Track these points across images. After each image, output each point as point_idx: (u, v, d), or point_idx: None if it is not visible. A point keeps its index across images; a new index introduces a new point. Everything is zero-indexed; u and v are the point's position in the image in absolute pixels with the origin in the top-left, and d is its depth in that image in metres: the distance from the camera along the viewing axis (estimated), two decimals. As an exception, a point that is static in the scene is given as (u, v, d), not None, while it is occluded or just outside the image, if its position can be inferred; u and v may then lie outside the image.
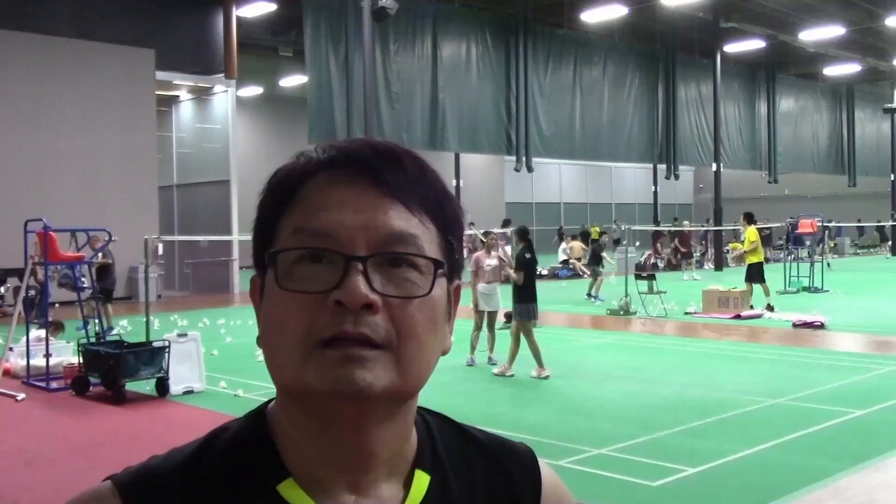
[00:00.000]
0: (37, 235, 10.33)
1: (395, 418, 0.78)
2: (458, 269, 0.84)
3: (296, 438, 0.78)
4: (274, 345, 0.76)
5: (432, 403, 0.91)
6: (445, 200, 0.81)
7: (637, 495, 5.67)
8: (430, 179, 0.81)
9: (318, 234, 0.75)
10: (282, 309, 0.75)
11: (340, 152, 0.79)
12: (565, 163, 40.36)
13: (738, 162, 32.37)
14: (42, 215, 10.40)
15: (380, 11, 18.22)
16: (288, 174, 0.80)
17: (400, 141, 6.20)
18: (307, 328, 0.73)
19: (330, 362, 0.72)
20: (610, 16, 24.58)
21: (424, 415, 0.88)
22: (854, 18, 27.19)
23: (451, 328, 0.84)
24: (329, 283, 0.73)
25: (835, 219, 33.32)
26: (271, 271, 0.76)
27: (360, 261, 0.73)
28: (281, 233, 0.77)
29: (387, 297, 0.74)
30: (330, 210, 0.76)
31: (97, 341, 9.98)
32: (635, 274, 16.91)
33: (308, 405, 0.75)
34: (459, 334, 12.99)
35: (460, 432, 0.90)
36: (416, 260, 0.76)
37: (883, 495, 5.55)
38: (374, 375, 0.72)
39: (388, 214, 0.76)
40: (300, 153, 0.82)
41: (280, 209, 0.79)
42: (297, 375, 0.74)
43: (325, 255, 0.74)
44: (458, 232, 0.82)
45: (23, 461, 6.72)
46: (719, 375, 9.80)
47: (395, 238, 0.75)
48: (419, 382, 0.77)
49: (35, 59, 18.45)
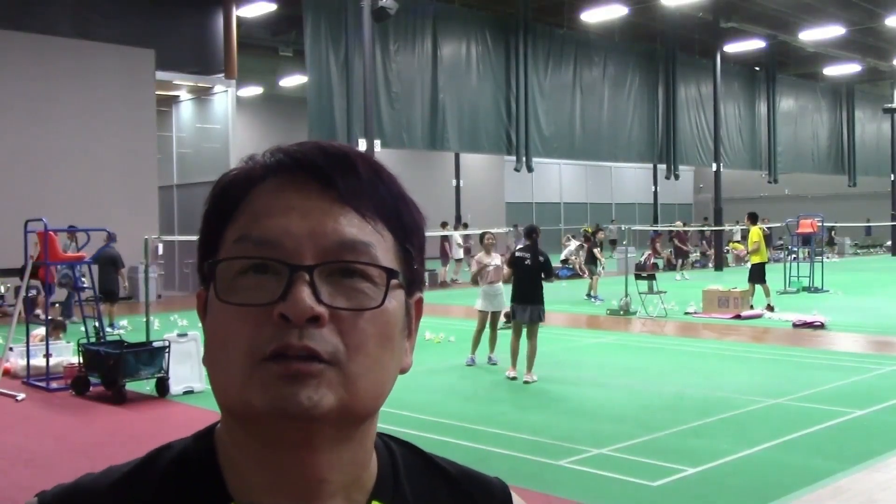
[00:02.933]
0: (37, 235, 10.33)
1: (347, 442, 0.72)
2: (419, 280, 0.78)
3: (240, 463, 0.73)
4: (216, 362, 0.71)
5: (432, 404, 0.91)
6: (403, 206, 0.76)
7: (637, 495, 5.67)
8: (387, 184, 0.75)
9: (262, 242, 0.70)
10: (223, 324, 0.70)
11: (289, 156, 0.74)
12: (565, 163, 40.38)
13: (738, 162, 32.38)
14: (42, 215, 10.39)
15: (380, 11, 18.22)
16: (233, 180, 0.75)
17: (401, 141, 6.17)
18: (249, 343, 0.68)
19: (273, 378, 0.67)
20: (610, 16, 24.58)
21: (390, 443, 0.82)
22: (854, 18, 27.19)
23: (411, 344, 0.77)
24: (273, 295, 0.68)
25: (835, 219, 33.32)
26: (213, 283, 0.71)
27: (307, 270, 0.68)
28: (225, 242, 0.73)
29: (335, 309, 0.68)
30: (275, 217, 0.71)
31: (97, 341, 9.98)
32: (635, 274, 16.91)
33: (252, 427, 0.70)
34: (462, 334, 13.00)
35: (428, 463, 0.84)
36: (369, 270, 0.70)
37: (883, 495, 5.55)
38: (319, 394, 0.67)
39: (338, 221, 0.71)
40: (249, 157, 0.77)
41: (225, 217, 0.74)
42: (239, 394, 0.68)
43: (270, 265, 0.69)
44: (417, 240, 0.77)
45: (23, 461, 6.72)
46: (719, 375, 9.80)
47: (346, 246, 0.70)
48: (372, 402, 0.71)
49: (35, 59, 18.45)
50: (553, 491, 5.74)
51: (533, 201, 42.88)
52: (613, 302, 16.44)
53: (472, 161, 36.72)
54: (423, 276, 0.80)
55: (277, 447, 0.70)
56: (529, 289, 9.49)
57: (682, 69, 29.38)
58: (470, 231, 26.66)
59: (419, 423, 7.56)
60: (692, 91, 29.93)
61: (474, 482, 0.85)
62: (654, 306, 15.32)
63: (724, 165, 30.13)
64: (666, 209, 43.55)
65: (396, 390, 0.77)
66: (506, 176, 39.18)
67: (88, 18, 19.47)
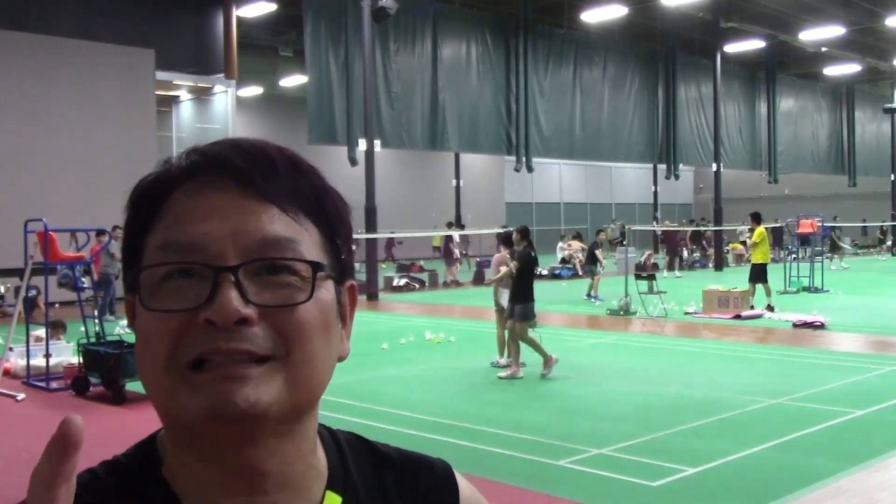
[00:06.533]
0: (37, 235, 10.33)
1: (289, 435, 0.72)
2: (349, 269, 0.78)
3: (183, 465, 0.72)
4: (145, 369, 0.70)
5: (431, 405, 0.91)
6: (326, 198, 0.75)
7: (637, 495, 5.67)
8: (307, 177, 0.75)
9: (185, 247, 0.69)
10: (149, 330, 0.69)
11: (203, 157, 0.73)
12: (565, 163, 40.37)
13: (738, 162, 32.39)
14: (42, 215, 10.39)
15: (380, 11, 18.23)
16: (150, 185, 0.74)
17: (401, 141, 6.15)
18: (174, 346, 0.67)
19: (203, 384, 0.66)
20: (610, 16, 24.60)
21: (336, 433, 0.83)
22: (854, 18, 27.20)
23: (347, 332, 0.78)
24: (199, 299, 0.67)
25: (839, 219, 33.30)
26: (138, 291, 0.70)
27: (231, 271, 0.67)
28: (147, 248, 0.72)
29: (264, 307, 0.68)
30: (196, 221, 0.70)
31: (97, 341, 9.98)
32: (635, 274, 16.91)
33: (187, 431, 0.69)
34: (462, 334, 13.00)
35: (372, 451, 0.85)
36: (295, 265, 0.70)
37: (882, 495, 5.55)
38: (257, 392, 0.67)
39: (259, 219, 0.70)
40: (165, 160, 0.76)
41: (145, 224, 0.73)
42: (168, 402, 0.69)
43: (194, 269, 0.68)
44: (343, 230, 0.76)
45: (23, 461, 6.72)
46: (719, 375, 9.79)
47: (269, 244, 0.69)
48: (312, 394, 0.71)
49: (35, 59, 18.46)
50: (553, 491, 5.74)
51: (533, 201, 42.87)
52: (613, 302, 16.44)
53: (472, 161, 36.72)
54: (353, 264, 0.80)
55: (217, 448, 0.69)
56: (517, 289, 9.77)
57: (682, 69, 29.39)
58: (468, 231, 26.70)
59: (419, 423, 7.55)
60: (692, 91, 29.93)
61: (418, 464, 0.86)
62: (654, 306, 15.32)
63: (724, 165, 30.14)
64: (666, 209, 43.55)
65: (397, 390, 0.77)
66: (506, 176, 39.18)
67: (88, 18, 19.48)
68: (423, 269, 24.89)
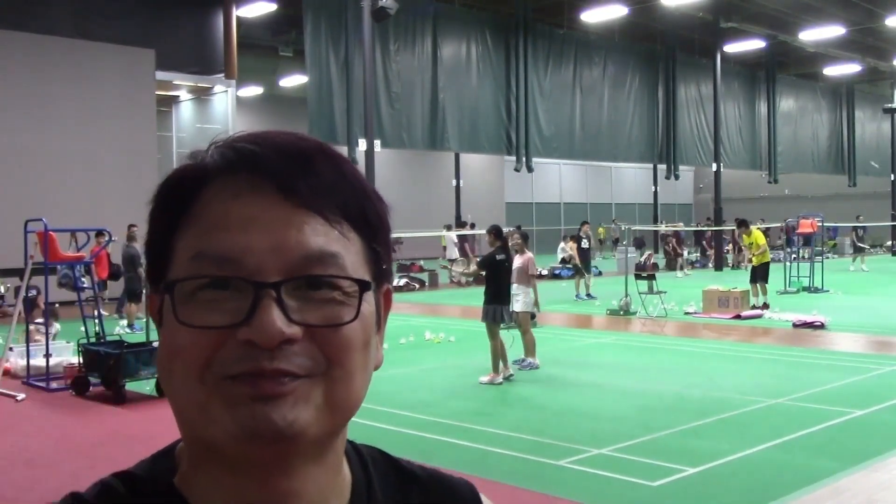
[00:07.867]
0: (37, 235, 10.33)
1: (323, 455, 0.69)
2: (388, 275, 0.73)
3: (203, 481, 0.68)
4: (173, 382, 0.65)
5: (432, 404, 0.90)
6: (368, 204, 0.70)
7: (637, 495, 5.67)
8: (350, 181, 0.70)
9: (222, 259, 0.64)
10: (182, 343, 0.64)
11: (239, 154, 0.67)
12: (565, 163, 40.38)
13: (738, 162, 32.40)
14: (42, 215, 10.39)
15: (380, 11, 18.23)
16: (178, 184, 0.69)
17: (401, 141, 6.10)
18: (209, 361, 0.63)
19: (240, 399, 0.63)
20: (610, 16, 24.60)
21: (360, 448, 0.79)
22: (854, 18, 27.20)
23: (381, 337, 0.74)
24: (236, 315, 0.63)
25: (834, 219, 33.27)
26: (168, 299, 0.65)
27: (273, 287, 0.63)
28: (178, 254, 0.67)
29: (308, 326, 0.64)
30: (233, 230, 0.65)
31: (97, 341, 9.98)
32: (635, 274, 16.90)
33: (218, 451, 0.65)
34: (462, 334, 13.00)
35: (397, 468, 0.81)
36: (338, 281, 0.66)
37: (882, 495, 5.55)
38: (295, 411, 0.63)
39: (302, 231, 0.65)
40: (193, 153, 0.71)
41: (174, 224, 0.68)
42: (200, 416, 0.64)
43: (231, 281, 0.64)
44: (383, 237, 0.72)
45: (23, 461, 6.71)
46: (719, 375, 9.79)
47: (313, 259, 0.65)
48: (350, 412, 0.68)
49: (35, 59, 18.45)
50: (553, 491, 5.74)
51: (533, 201, 42.88)
52: (613, 302, 16.44)
53: (472, 161, 36.73)
54: (392, 270, 0.77)
55: (249, 471, 0.66)
56: (501, 290, 9.62)
57: (682, 69, 29.40)
58: (468, 231, 26.71)
59: (419, 423, 7.55)
60: (692, 91, 29.94)
61: (442, 484, 0.82)
62: (654, 306, 15.32)
63: (724, 165, 30.14)
64: (666, 209, 43.56)
65: (397, 390, 0.76)
66: (506, 176, 39.19)
67: (88, 18, 19.48)
68: (423, 269, 24.91)
